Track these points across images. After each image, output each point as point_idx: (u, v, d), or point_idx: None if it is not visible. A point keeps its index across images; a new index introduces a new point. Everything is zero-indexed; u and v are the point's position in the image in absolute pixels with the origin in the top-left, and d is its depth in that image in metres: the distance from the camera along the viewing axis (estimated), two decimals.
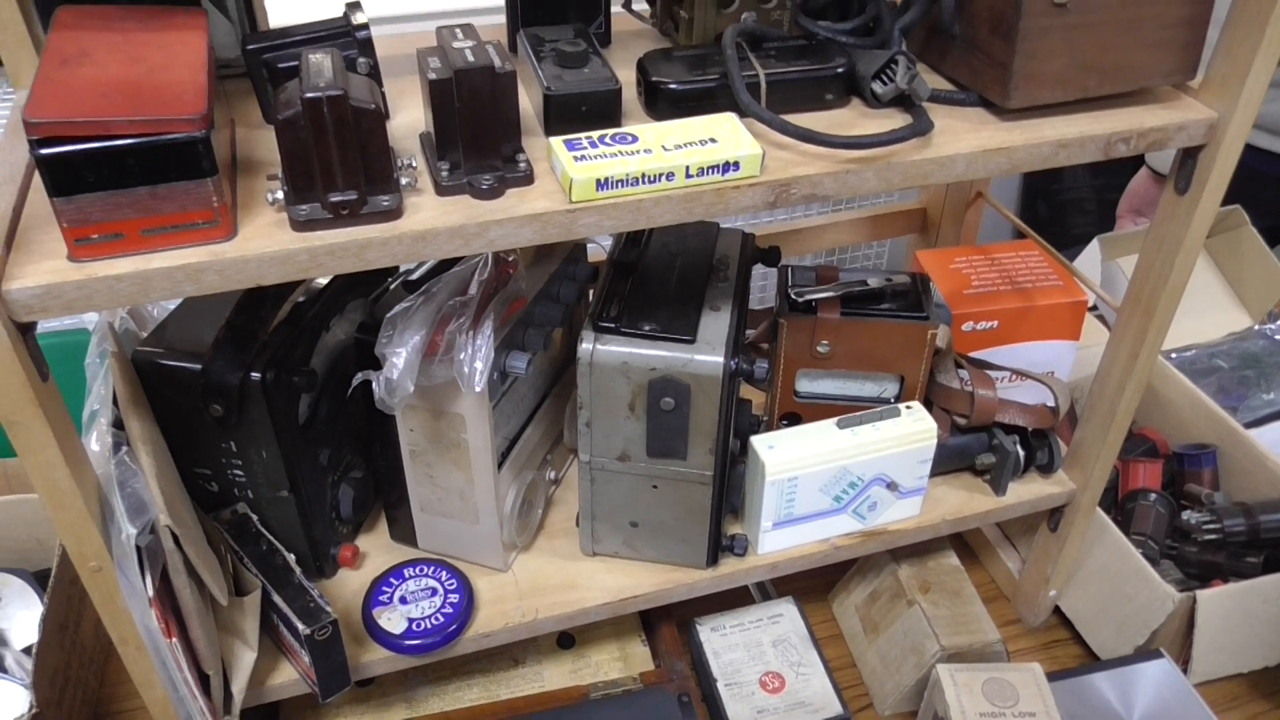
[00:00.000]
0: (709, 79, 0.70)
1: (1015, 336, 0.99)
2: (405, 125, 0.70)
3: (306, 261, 0.59)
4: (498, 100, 0.61)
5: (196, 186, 0.56)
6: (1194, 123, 0.73)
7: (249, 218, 0.60)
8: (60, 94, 0.54)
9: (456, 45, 0.63)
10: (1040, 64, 0.69)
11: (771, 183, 0.65)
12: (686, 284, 0.83)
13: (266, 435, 0.77)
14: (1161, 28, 0.70)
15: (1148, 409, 1.21)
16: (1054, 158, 0.71)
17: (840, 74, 0.72)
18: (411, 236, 0.60)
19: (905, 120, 0.71)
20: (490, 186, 0.62)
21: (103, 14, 0.63)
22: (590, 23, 0.81)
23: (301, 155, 0.58)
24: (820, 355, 0.89)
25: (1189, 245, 0.80)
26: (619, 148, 0.64)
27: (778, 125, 0.67)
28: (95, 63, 0.58)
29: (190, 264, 0.57)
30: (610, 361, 0.76)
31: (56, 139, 0.52)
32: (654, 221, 0.65)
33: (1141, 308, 0.85)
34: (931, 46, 0.78)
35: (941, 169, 0.69)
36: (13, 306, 0.55)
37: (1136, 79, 0.73)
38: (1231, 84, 0.72)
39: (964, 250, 1.04)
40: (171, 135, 0.54)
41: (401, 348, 0.71)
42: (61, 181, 0.53)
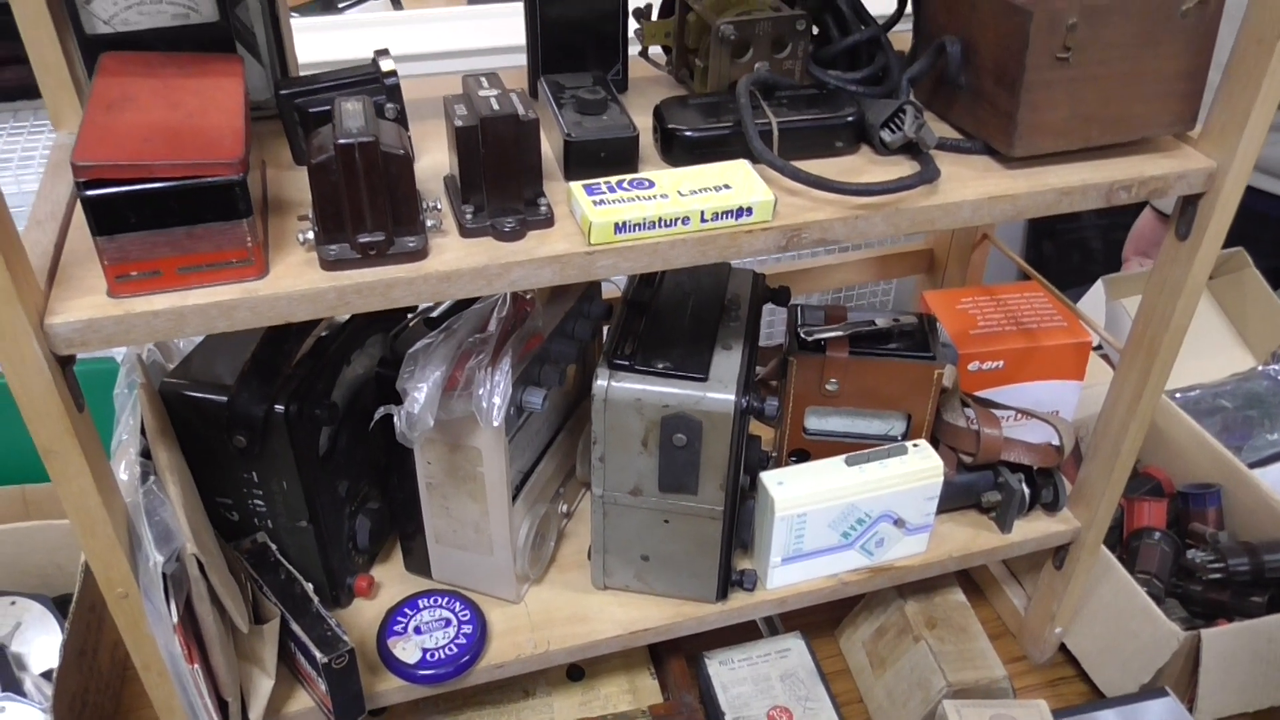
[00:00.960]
0: (723, 126, 0.72)
1: (1020, 376, 1.01)
2: (429, 168, 0.73)
3: (335, 300, 0.61)
4: (521, 147, 0.64)
5: (232, 227, 0.58)
6: (1194, 171, 0.75)
7: (280, 256, 0.63)
8: (105, 138, 0.57)
9: (482, 93, 0.65)
10: (1043, 114, 0.72)
11: (783, 227, 0.68)
12: (699, 323, 0.85)
13: (288, 466, 0.79)
14: (1161, 81, 0.73)
15: (1153, 448, 1.23)
16: (1057, 204, 0.74)
17: (850, 122, 0.74)
18: (436, 277, 0.62)
19: (913, 167, 0.74)
20: (512, 229, 0.65)
21: (145, 60, 0.66)
22: (608, 69, 0.83)
23: (333, 198, 0.60)
24: (829, 393, 0.91)
25: (1190, 289, 0.82)
26: (636, 192, 0.67)
27: (789, 172, 0.69)
28: (138, 107, 0.60)
29: (224, 301, 0.59)
30: (624, 398, 0.78)
31: (102, 181, 0.55)
32: (670, 264, 0.67)
33: (1144, 349, 0.87)
34: (938, 95, 0.80)
35: (948, 215, 0.71)
36: (54, 340, 0.57)
37: (1137, 129, 0.75)
38: (1230, 134, 0.74)
39: (970, 291, 1.06)
40: (210, 179, 0.57)
41: (423, 383, 0.73)
42: (105, 221, 0.56)
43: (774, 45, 0.78)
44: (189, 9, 0.68)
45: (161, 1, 0.68)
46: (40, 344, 0.56)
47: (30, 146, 1.41)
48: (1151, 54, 0.71)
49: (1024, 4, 0.68)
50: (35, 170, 1.35)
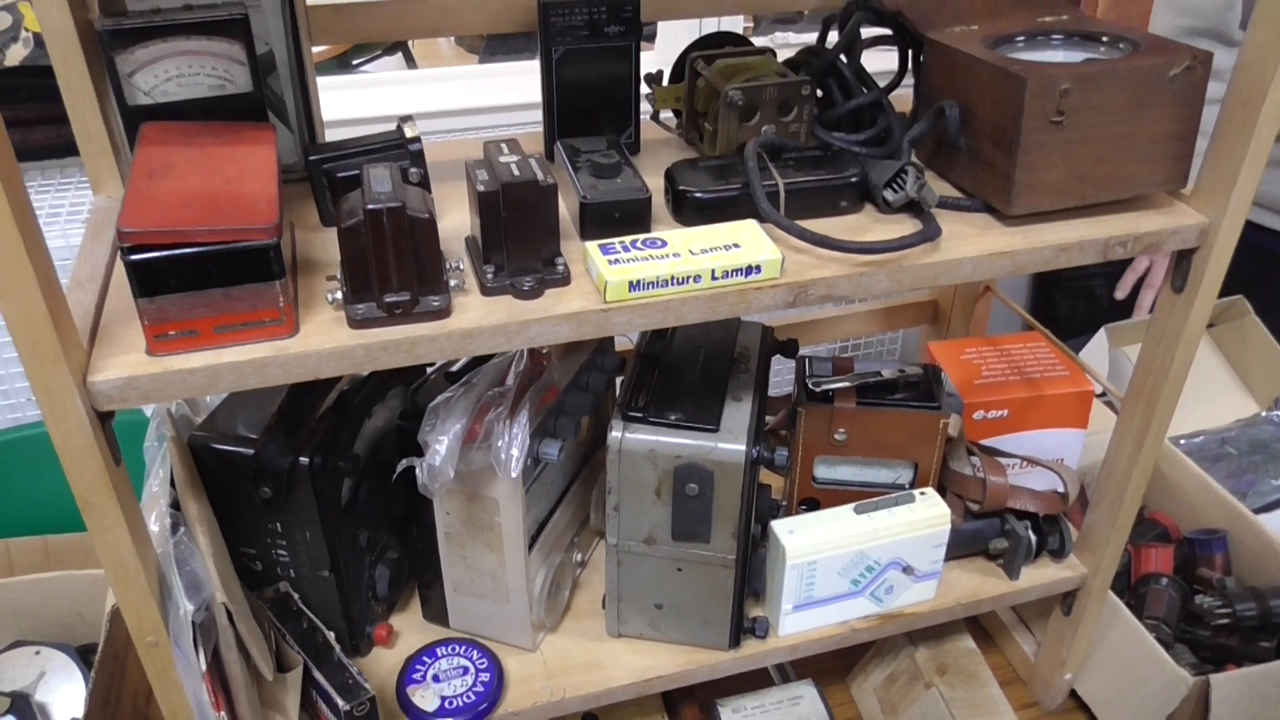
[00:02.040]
0: (732, 188, 0.76)
1: (1024, 425, 1.03)
2: (451, 228, 0.76)
3: (362, 357, 0.64)
4: (540, 210, 0.67)
5: (266, 288, 0.61)
6: (1187, 227, 0.78)
7: (309, 315, 0.66)
8: (148, 205, 0.60)
9: (503, 159, 0.68)
10: (1040, 174, 0.75)
11: (791, 284, 0.70)
12: (710, 375, 0.87)
13: (311, 517, 0.81)
14: (1153, 142, 0.76)
15: (1159, 494, 1.24)
16: (1055, 260, 0.76)
17: (854, 183, 0.77)
18: (459, 334, 0.65)
19: (915, 225, 0.77)
20: (531, 287, 0.67)
21: (183, 129, 0.70)
22: (622, 132, 0.87)
23: (361, 260, 0.63)
24: (837, 443, 0.93)
25: (1187, 339, 0.84)
26: (649, 252, 0.69)
27: (795, 231, 0.72)
28: (178, 175, 0.64)
29: (257, 359, 0.62)
30: (638, 449, 0.80)
31: (145, 246, 0.58)
32: (682, 320, 0.70)
33: (1144, 399, 0.89)
34: (939, 155, 0.83)
35: (949, 271, 0.74)
36: (95, 397, 0.60)
37: (1131, 188, 0.78)
38: (1220, 191, 0.77)
39: (974, 342, 1.09)
40: (246, 243, 0.60)
41: (444, 435, 0.75)
42: (147, 284, 0.59)
43: (780, 109, 0.81)
44: (225, 80, 0.72)
45: (199, 74, 0.71)
46: (82, 401, 0.59)
47: (58, 203, 1.46)
48: (1142, 117, 0.74)
49: (1019, 71, 0.72)
50: (61, 226, 1.39)
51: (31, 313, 0.55)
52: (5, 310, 0.54)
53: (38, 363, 0.56)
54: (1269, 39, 0.70)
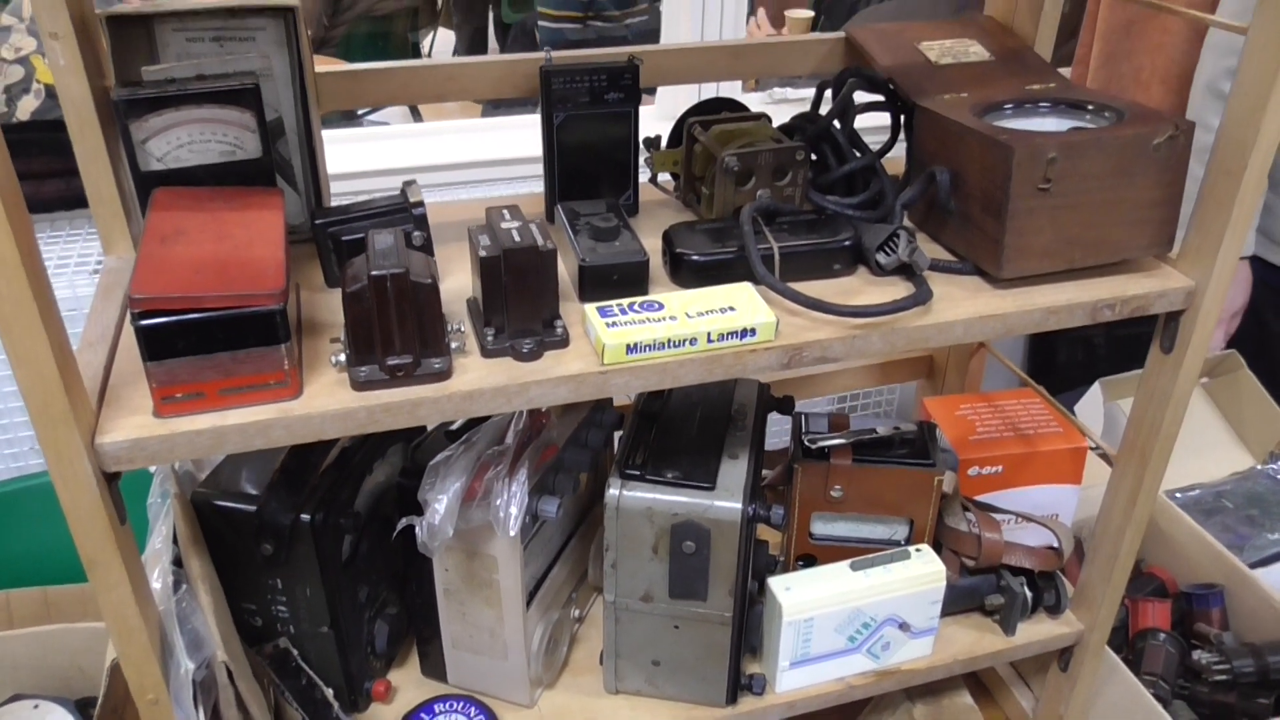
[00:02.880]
0: (728, 251, 0.77)
1: (1019, 481, 1.04)
2: (453, 290, 0.78)
3: (365, 419, 0.65)
4: (540, 275, 0.69)
5: (271, 351, 0.63)
6: (1173, 290, 0.80)
7: (313, 377, 0.67)
8: (159, 270, 0.62)
9: (504, 225, 0.70)
10: (1029, 239, 0.76)
11: (785, 346, 0.72)
12: (706, 433, 0.88)
13: (312, 573, 0.82)
14: (1138, 207, 0.78)
15: (1155, 548, 1.24)
16: (1044, 322, 0.78)
17: (847, 246, 0.79)
18: (460, 396, 0.66)
19: (908, 287, 0.78)
20: (530, 350, 0.69)
21: (194, 195, 0.71)
22: (621, 194, 0.89)
23: (365, 323, 0.65)
24: (834, 499, 0.94)
25: (1177, 399, 0.86)
26: (647, 314, 0.71)
27: (790, 295, 0.73)
28: (189, 240, 0.66)
29: (261, 421, 0.63)
30: (635, 507, 0.81)
31: (155, 312, 0.60)
32: (679, 381, 0.71)
33: (1136, 456, 0.90)
34: (930, 218, 0.85)
35: (941, 333, 0.76)
36: (103, 458, 0.61)
37: (1118, 252, 0.79)
38: (1205, 255, 0.79)
39: (969, 398, 1.10)
40: (254, 308, 0.61)
41: (443, 494, 0.76)
42: (155, 348, 0.60)
43: (775, 174, 0.84)
44: (235, 146, 0.74)
45: (211, 140, 0.73)
46: (91, 462, 0.60)
47: (66, 253, 1.48)
48: (1128, 184, 0.76)
49: (1007, 140, 0.74)
50: (69, 276, 1.41)
51: (44, 377, 0.56)
52: (19, 374, 0.56)
53: (48, 425, 0.58)
54: (1248, 111, 0.72)
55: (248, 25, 0.79)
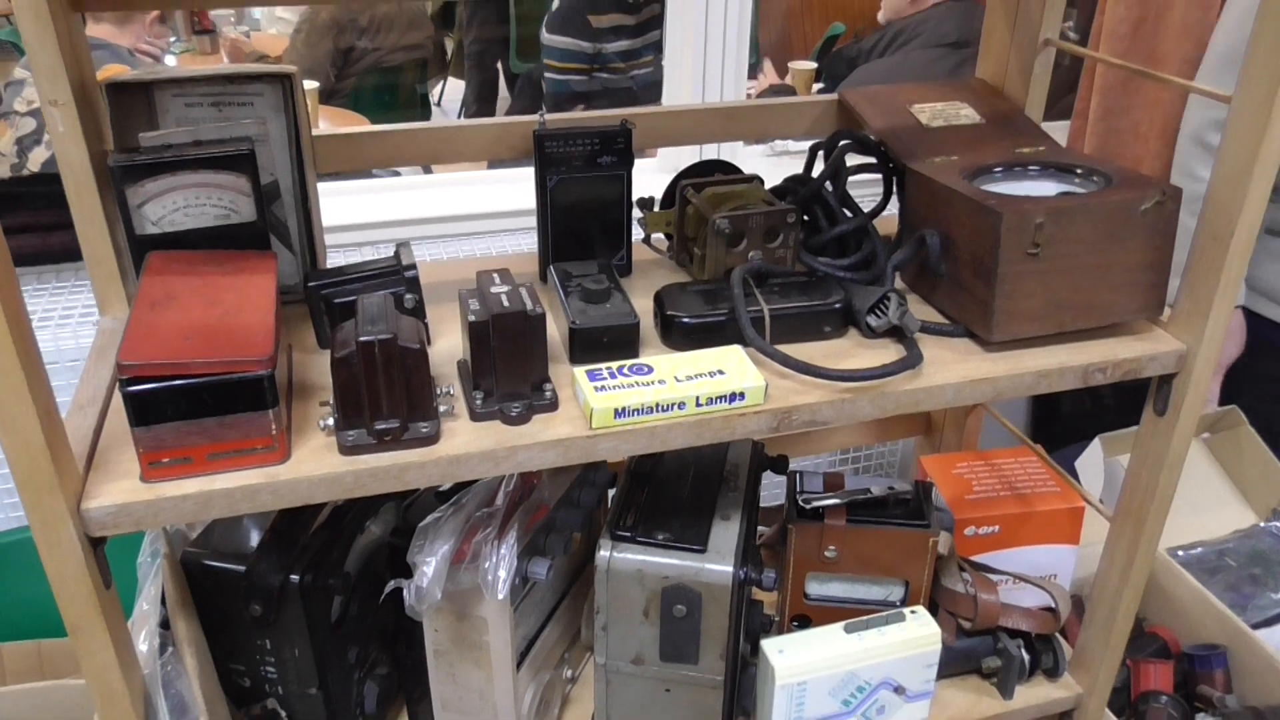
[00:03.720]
0: (718, 314, 0.78)
1: (1016, 541, 1.03)
2: (444, 351, 0.78)
3: (352, 483, 0.65)
4: (529, 339, 0.69)
5: (259, 417, 0.63)
6: (1165, 354, 0.80)
7: (301, 441, 0.67)
8: (149, 337, 0.62)
9: (494, 290, 0.71)
10: (1018, 303, 0.77)
11: (774, 410, 0.72)
12: (699, 493, 0.88)
13: (301, 634, 0.81)
14: (1127, 271, 0.78)
15: (1157, 607, 1.23)
16: (1036, 386, 0.78)
17: (838, 309, 0.80)
18: (447, 460, 0.66)
19: (899, 349, 0.78)
20: (519, 413, 0.69)
21: (187, 259, 0.72)
22: (614, 254, 0.90)
23: (353, 388, 0.65)
24: (828, 560, 0.93)
25: (1171, 461, 0.85)
26: (636, 378, 0.71)
27: (779, 358, 0.74)
28: (179, 306, 0.66)
29: (248, 485, 0.63)
30: (626, 569, 0.81)
31: (143, 378, 0.60)
32: (667, 445, 0.71)
33: (1132, 519, 0.89)
34: (922, 280, 0.86)
35: (931, 397, 0.76)
36: (89, 524, 0.61)
37: (1108, 315, 0.80)
38: (1196, 319, 0.79)
39: (966, 456, 1.09)
40: (242, 374, 0.61)
41: (432, 557, 0.76)
42: (143, 414, 0.61)
43: (767, 235, 0.84)
44: (230, 210, 0.75)
45: (205, 205, 0.74)
46: (76, 528, 0.60)
47: (70, 304, 1.49)
48: (1116, 248, 0.76)
49: (995, 205, 0.74)
50: (73, 327, 1.42)
51: (30, 445, 0.57)
52: (5, 442, 0.56)
53: (33, 492, 0.58)
54: (1234, 176, 0.73)
55: (246, 91, 0.80)
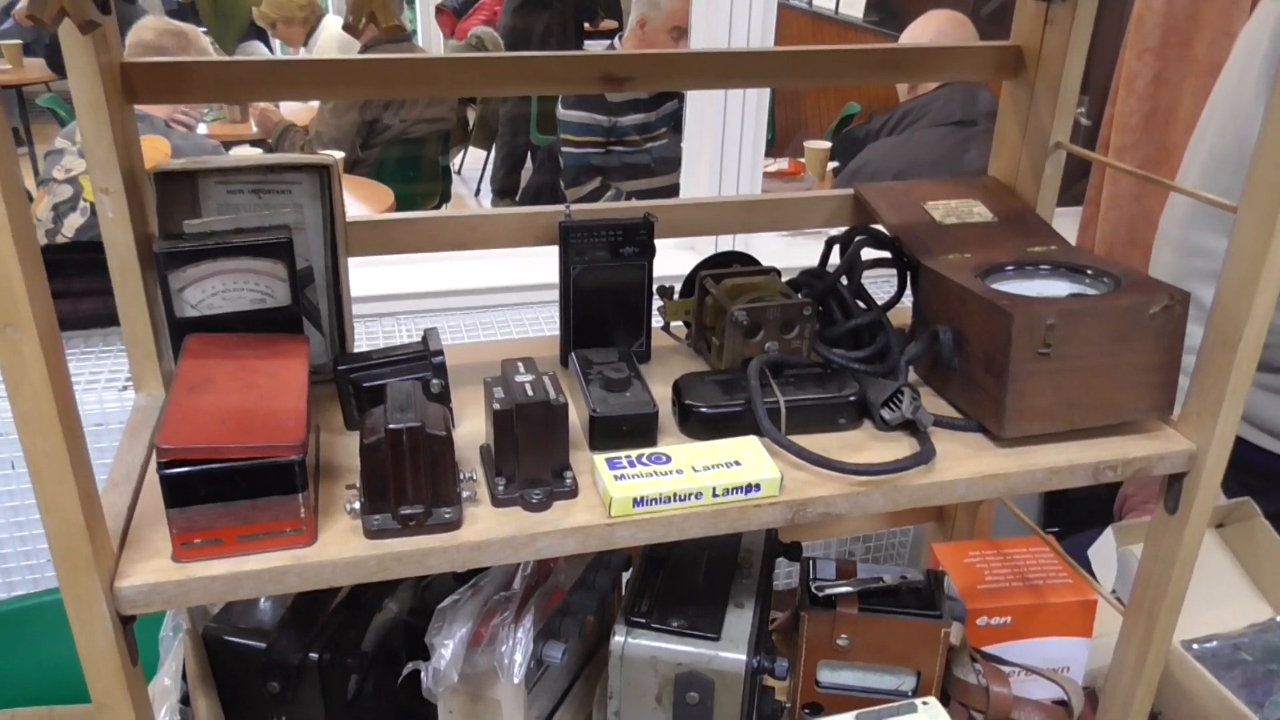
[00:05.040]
0: (735, 404, 0.79)
1: (1028, 632, 1.03)
2: (467, 435, 0.80)
3: (375, 567, 0.67)
4: (551, 428, 0.71)
5: (289, 500, 0.65)
6: (1175, 453, 0.81)
7: (328, 523, 0.69)
8: (187, 421, 0.65)
9: (518, 379, 0.73)
10: (1030, 401, 0.78)
11: (790, 502, 0.73)
12: (713, 580, 0.89)
13: (317, 712, 0.82)
14: (1136, 371, 0.79)
15: (1173, 702, 1.22)
16: (1047, 482, 0.79)
17: (852, 401, 0.81)
18: (469, 546, 0.68)
19: (912, 442, 0.80)
20: (539, 500, 0.71)
21: (224, 342, 0.75)
22: (633, 341, 0.92)
23: (380, 474, 0.67)
24: (840, 648, 0.94)
25: (1183, 559, 0.86)
26: (654, 467, 0.73)
27: (794, 451, 0.75)
28: (216, 389, 0.69)
29: (276, 568, 0.65)
30: (640, 655, 0.82)
31: (180, 461, 0.62)
32: (684, 534, 0.72)
33: (1145, 615, 0.90)
34: (935, 374, 0.88)
35: (944, 492, 0.77)
36: (121, 602, 0.63)
37: (1118, 414, 0.81)
38: (1206, 419, 0.80)
39: (978, 545, 1.10)
40: (274, 459, 0.64)
41: (449, 639, 0.77)
42: (178, 496, 0.63)
43: (783, 327, 0.86)
44: (266, 295, 0.78)
45: (243, 289, 0.77)
46: (109, 606, 0.62)
47: (97, 368, 1.53)
48: (1126, 349, 0.78)
49: (1006, 305, 0.76)
50: (99, 392, 1.45)
51: (70, 524, 0.58)
52: (46, 520, 0.58)
53: (71, 570, 0.60)
54: (1241, 284, 0.75)
55: (285, 179, 0.83)
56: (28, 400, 0.55)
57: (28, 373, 0.54)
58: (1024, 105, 0.98)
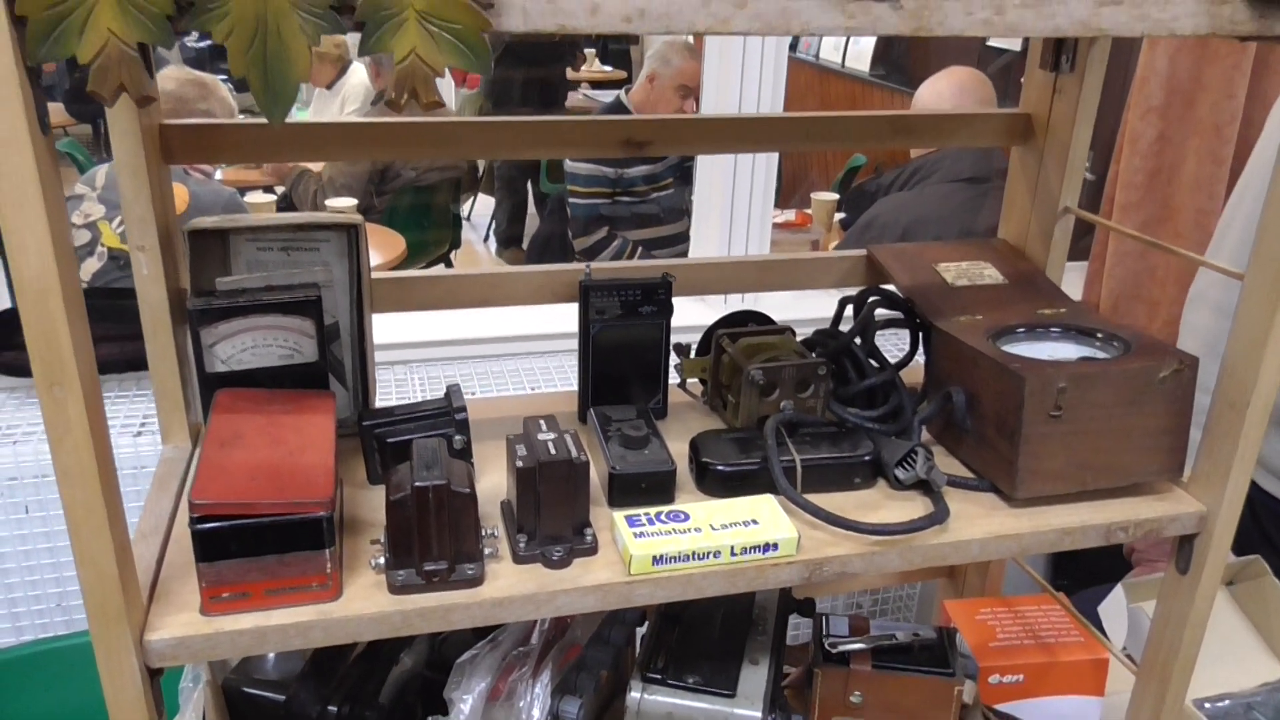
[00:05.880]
0: (752, 462, 0.81)
1: (1040, 690, 1.03)
2: (487, 490, 0.81)
3: (399, 623, 0.68)
4: (573, 485, 0.72)
5: (316, 555, 0.66)
6: (1186, 515, 0.82)
7: (352, 578, 0.70)
8: (218, 477, 0.66)
9: (540, 436, 0.74)
10: (1042, 462, 0.79)
11: (806, 561, 0.74)
12: (728, 636, 0.90)
13: None
14: (1146, 435, 0.81)
15: None
16: (1059, 543, 0.80)
17: (867, 461, 0.83)
18: (490, 603, 0.69)
19: (925, 501, 0.81)
20: (560, 557, 0.72)
21: (252, 397, 0.76)
22: (651, 398, 0.94)
23: (405, 530, 0.68)
24: (853, 705, 0.94)
25: (1195, 619, 0.86)
26: (673, 525, 0.74)
27: (811, 510, 0.77)
28: (246, 444, 0.70)
29: (302, 622, 0.66)
30: (656, 711, 0.82)
31: (212, 517, 0.63)
32: (702, 593, 0.73)
33: (1157, 675, 0.90)
34: (947, 433, 0.89)
35: (958, 552, 0.78)
36: (150, 655, 0.64)
37: (1129, 476, 0.82)
38: (1215, 482, 0.82)
39: (989, 602, 1.11)
40: (303, 515, 0.65)
41: (468, 694, 0.78)
42: (209, 550, 0.64)
43: (798, 386, 0.88)
44: (294, 351, 0.80)
45: (272, 345, 0.79)
46: (138, 658, 0.63)
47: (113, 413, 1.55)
48: (1136, 413, 0.80)
49: (1018, 369, 0.78)
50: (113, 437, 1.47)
51: (105, 577, 0.60)
52: (82, 574, 0.59)
53: (103, 622, 0.61)
54: (1248, 349, 0.77)
55: (313, 237, 0.86)
56: (69, 455, 0.57)
57: (71, 429, 0.56)
58: (1033, 170, 1.00)
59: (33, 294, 0.52)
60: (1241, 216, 1.27)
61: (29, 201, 0.51)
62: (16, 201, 0.50)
